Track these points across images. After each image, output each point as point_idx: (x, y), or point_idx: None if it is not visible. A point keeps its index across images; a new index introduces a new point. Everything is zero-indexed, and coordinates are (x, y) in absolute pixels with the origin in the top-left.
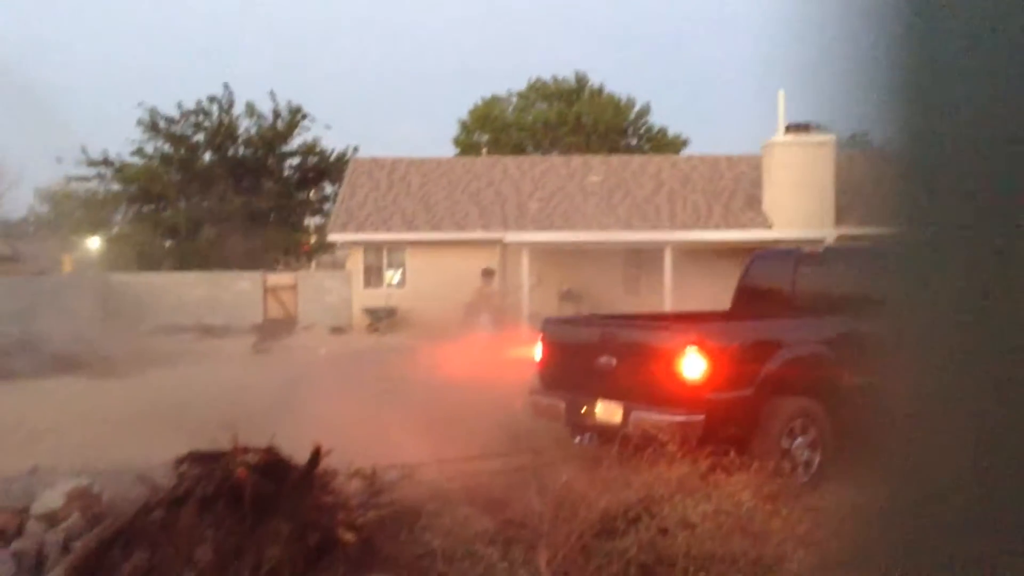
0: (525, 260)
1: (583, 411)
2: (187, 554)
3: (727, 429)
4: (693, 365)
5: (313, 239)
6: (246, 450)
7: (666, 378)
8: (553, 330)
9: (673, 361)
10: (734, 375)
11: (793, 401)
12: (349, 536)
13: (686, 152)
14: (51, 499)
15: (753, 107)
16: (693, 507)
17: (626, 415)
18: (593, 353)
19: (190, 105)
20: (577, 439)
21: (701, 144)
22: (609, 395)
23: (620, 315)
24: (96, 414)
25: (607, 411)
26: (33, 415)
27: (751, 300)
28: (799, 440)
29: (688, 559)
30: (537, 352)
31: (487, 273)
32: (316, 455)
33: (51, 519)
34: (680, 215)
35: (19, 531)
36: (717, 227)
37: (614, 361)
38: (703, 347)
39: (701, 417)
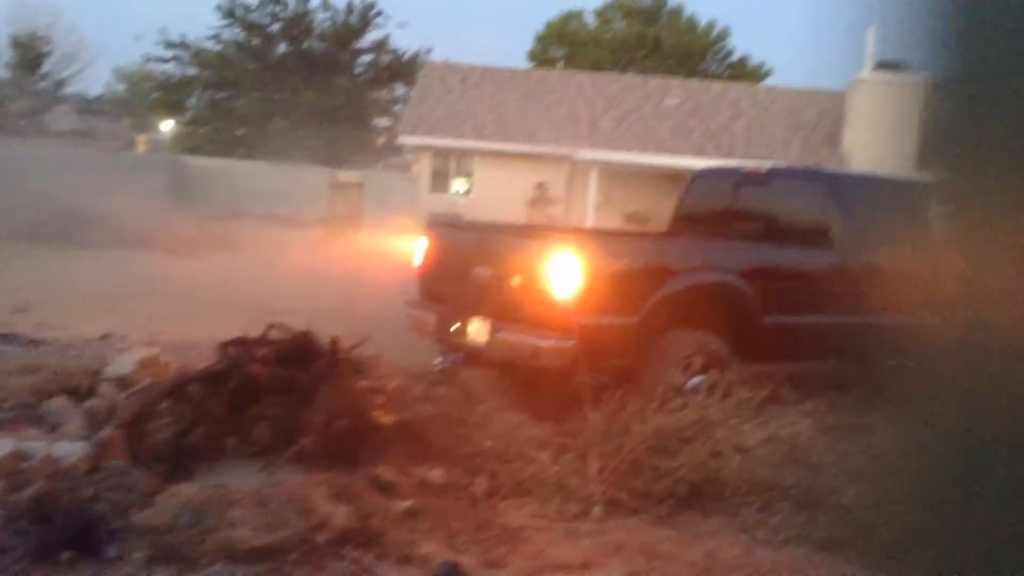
0: (594, 178)
1: (454, 328)
2: (242, 433)
3: (606, 359)
4: (564, 283)
5: (381, 140)
6: (267, 342)
7: (534, 296)
8: (437, 234)
9: (542, 276)
10: (616, 299)
11: (690, 335)
12: (387, 419)
13: (768, 83)
14: (123, 364)
15: (840, 42)
16: (749, 432)
17: (492, 335)
18: (469, 263)
19: None
20: (439, 359)
21: (784, 76)
22: (481, 312)
23: (503, 224)
24: (166, 288)
25: (477, 330)
26: (107, 285)
27: (687, 222)
28: (696, 380)
29: (739, 482)
30: (417, 257)
31: (540, 186)
32: (335, 344)
33: (122, 383)
34: (756, 146)
35: (91, 391)
36: (793, 161)
37: (488, 274)
38: (577, 262)
39: (571, 343)
